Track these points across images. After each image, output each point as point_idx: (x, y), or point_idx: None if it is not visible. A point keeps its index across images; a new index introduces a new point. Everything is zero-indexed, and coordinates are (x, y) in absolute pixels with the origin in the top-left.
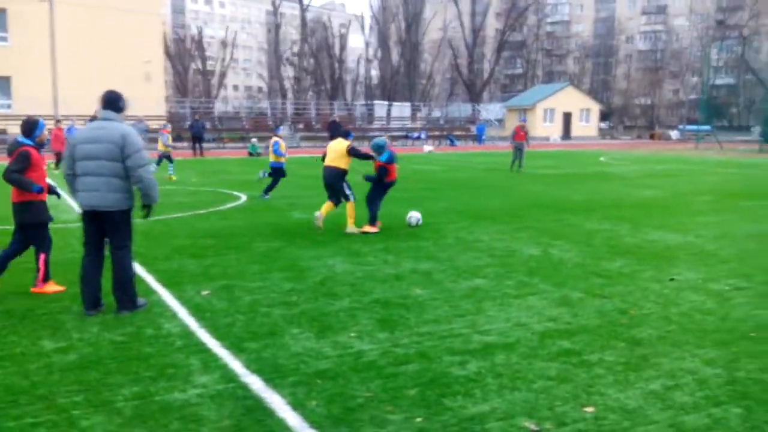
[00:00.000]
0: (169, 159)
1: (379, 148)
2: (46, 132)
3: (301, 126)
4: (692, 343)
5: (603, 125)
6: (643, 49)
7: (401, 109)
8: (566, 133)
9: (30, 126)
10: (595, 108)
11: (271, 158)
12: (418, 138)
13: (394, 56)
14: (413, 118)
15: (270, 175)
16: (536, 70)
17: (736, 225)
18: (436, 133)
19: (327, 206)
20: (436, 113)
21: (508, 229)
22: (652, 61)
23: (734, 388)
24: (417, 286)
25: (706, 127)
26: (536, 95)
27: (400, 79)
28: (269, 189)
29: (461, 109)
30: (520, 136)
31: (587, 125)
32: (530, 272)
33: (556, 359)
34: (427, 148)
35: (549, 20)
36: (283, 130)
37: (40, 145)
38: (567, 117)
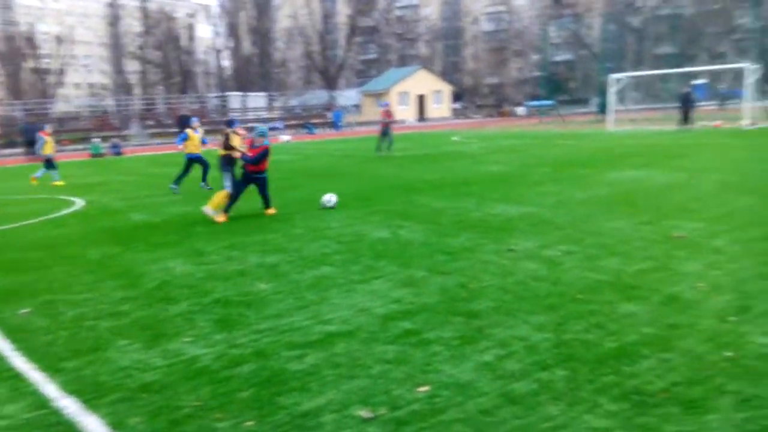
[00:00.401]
0: (50, 164)
1: (264, 134)
2: None
3: (150, 122)
4: (525, 310)
5: (456, 105)
6: (488, 30)
7: (256, 100)
8: (421, 115)
9: None
10: (447, 89)
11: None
12: (275, 128)
13: (246, 45)
14: (270, 108)
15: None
16: (390, 54)
17: (571, 193)
18: (294, 122)
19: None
20: (293, 102)
21: (359, 214)
22: (497, 41)
23: (561, 351)
24: (261, 280)
25: (549, 102)
26: (390, 79)
27: (254, 69)
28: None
29: (318, 96)
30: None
31: (440, 106)
32: (377, 255)
33: (395, 341)
34: (285, 137)
35: (398, 4)
36: (196, 122)
37: None
38: (421, 99)
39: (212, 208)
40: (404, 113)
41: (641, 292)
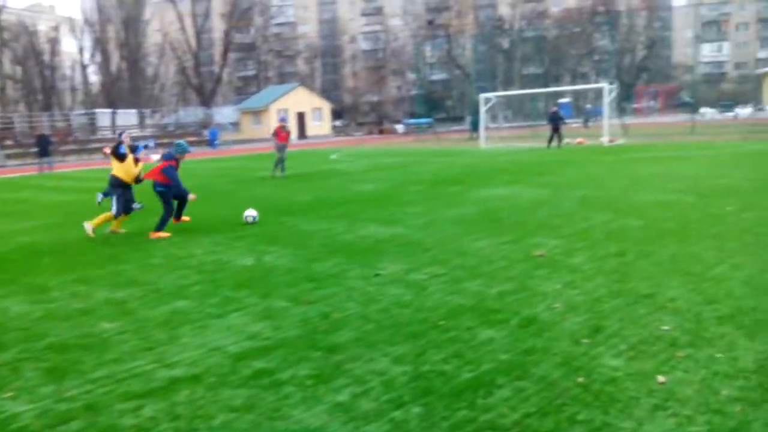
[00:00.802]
0: None
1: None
2: None
3: (9, 142)
4: (386, 340)
5: (338, 123)
6: (366, 49)
7: (127, 117)
8: (302, 133)
9: None
10: (327, 107)
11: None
12: (147, 146)
13: (115, 61)
14: (141, 125)
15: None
16: (268, 71)
17: (442, 212)
18: (166, 140)
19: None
20: (168, 119)
21: (225, 240)
22: (375, 59)
23: (418, 385)
24: (106, 319)
25: (427, 120)
26: (268, 97)
27: (124, 85)
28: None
29: (194, 113)
30: (282, 137)
31: (321, 124)
32: (238, 285)
33: (245, 384)
34: (155, 156)
35: (275, 21)
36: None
37: None
38: (301, 117)
39: (93, 225)
40: None
41: (501, 315)
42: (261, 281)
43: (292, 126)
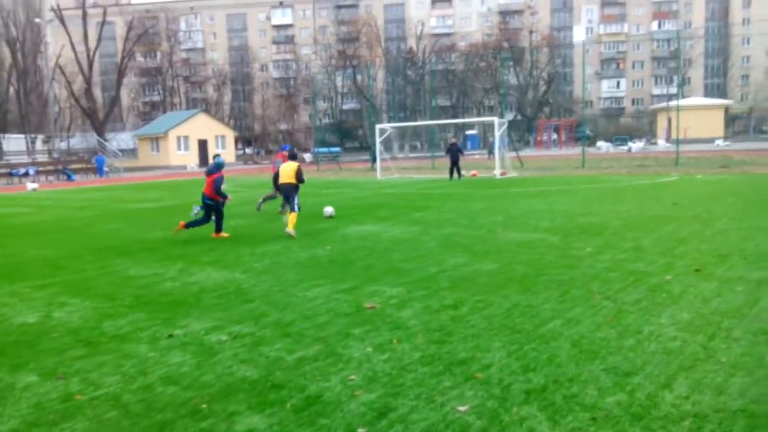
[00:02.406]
0: None
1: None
2: None
3: None
4: None
5: (249, 151)
6: (277, 77)
7: (17, 142)
8: (203, 160)
9: None
10: (231, 134)
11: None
12: (26, 174)
13: (3, 82)
14: (31, 151)
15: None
16: (175, 97)
17: (294, 253)
18: (51, 167)
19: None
20: (62, 145)
21: (26, 288)
22: (286, 87)
23: None
24: None
25: (335, 149)
26: (168, 123)
27: (14, 109)
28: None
29: (87, 140)
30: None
31: (224, 151)
32: None
33: None
34: (31, 185)
35: (183, 47)
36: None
37: None
38: (203, 144)
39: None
40: (184, 158)
41: (282, 393)
42: (27, 346)
43: (194, 153)
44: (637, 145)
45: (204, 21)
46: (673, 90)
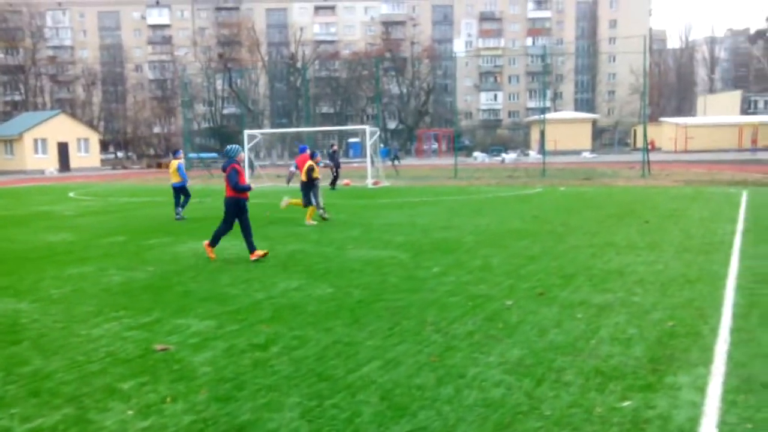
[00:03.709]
0: None
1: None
2: None
3: None
4: None
5: (120, 155)
6: (152, 78)
7: None
8: (64, 165)
9: None
10: (95, 137)
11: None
12: None
13: None
14: None
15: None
16: (39, 96)
17: (105, 276)
18: None
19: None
20: None
21: None
22: (162, 90)
23: None
24: None
25: (211, 154)
26: (24, 123)
27: None
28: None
29: None
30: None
31: (87, 155)
32: None
33: None
34: None
35: (50, 44)
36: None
37: None
38: (63, 147)
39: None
40: (42, 162)
41: None
42: None
43: (53, 156)
44: (510, 156)
45: (74, 17)
46: (547, 103)
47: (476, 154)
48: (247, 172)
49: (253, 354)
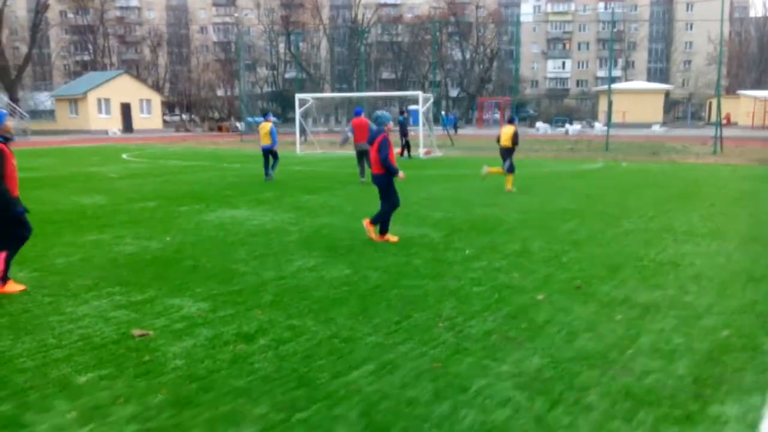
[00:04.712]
0: None
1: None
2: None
3: None
4: None
5: (185, 117)
6: (216, 41)
7: None
8: (127, 126)
9: None
10: (157, 98)
11: (268, 142)
12: None
13: None
14: None
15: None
16: (110, 57)
17: (119, 246)
18: None
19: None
20: None
21: None
22: (225, 52)
23: None
24: None
25: (274, 119)
26: (87, 83)
27: None
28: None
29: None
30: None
31: (149, 116)
32: None
33: None
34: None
35: (117, 4)
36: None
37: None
38: (126, 108)
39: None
40: (106, 122)
41: None
42: None
43: (116, 117)
44: (574, 128)
45: None
46: (617, 72)
47: (539, 124)
48: (298, 138)
49: (236, 346)
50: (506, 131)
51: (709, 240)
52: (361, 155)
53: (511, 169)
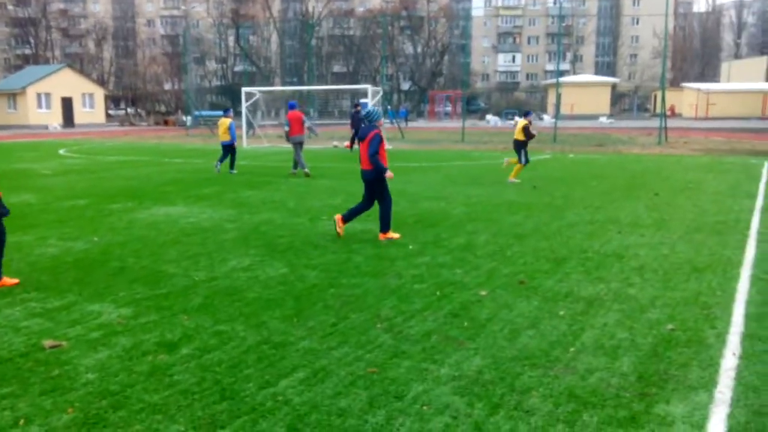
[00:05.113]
0: None
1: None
2: None
3: None
4: None
5: (131, 111)
6: (164, 34)
7: None
8: (69, 120)
9: None
10: (100, 92)
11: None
12: None
13: None
14: None
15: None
16: (53, 50)
17: (43, 248)
18: None
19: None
20: None
21: None
22: (173, 45)
23: None
24: None
25: (219, 112)
26: (27, 77)
27: None
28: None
29: None
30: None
31: (92, 111)
32: None
33: None
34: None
35: None
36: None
37: None
38: (67, 103)
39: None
40: (46, 117)
41: None
42: None
43: (57, 112)
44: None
45: None
46: (566, 66)
47: (489, 117)
48: (245, 132)
49: (156, 356)
50: (518, 124)
51: (654, 230)
52: (296, 147)
53: (525, 161)
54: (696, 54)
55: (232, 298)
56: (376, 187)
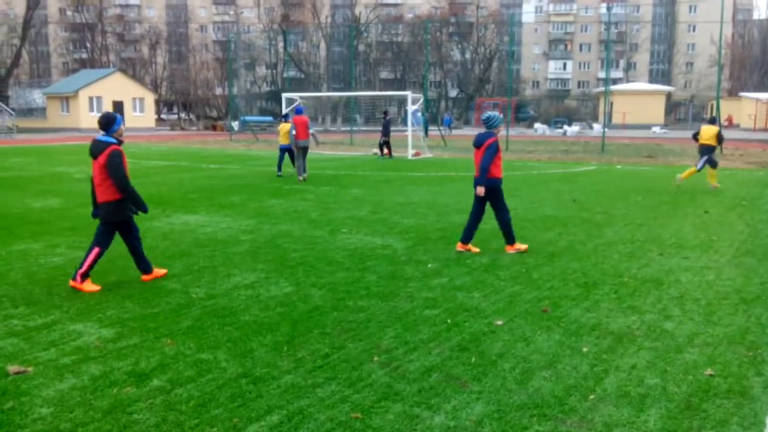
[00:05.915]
0: None
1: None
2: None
3: None
4: None
5: (183, 116)
6: (216, 39)
7: None
8: None
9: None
10: (150, 97)
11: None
12: None
13: None
14: None
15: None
16: (107, 55)
17: (49, 257)
18: None
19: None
20: None
21: None
22: (226, 51)
23: None
24: None
25: (267, 118)
26: (79, 81)
27: None
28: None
29: None
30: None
31: (142, 115)
32: None
33: None
34: None
35: (117, 2)
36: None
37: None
38: (119, 106)
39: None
40: (95, 121)
41: None
42: None
43: None
44: (572, 129)
45: None
46: (619, 74)
47: (537, 125)
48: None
49: (122, 389)
50: (708, 130)
51: (699, 252)
52: (300, 152)
53: (712, 164)
54: (755, 62)
55: (223, 321)
56: (491, 197)
